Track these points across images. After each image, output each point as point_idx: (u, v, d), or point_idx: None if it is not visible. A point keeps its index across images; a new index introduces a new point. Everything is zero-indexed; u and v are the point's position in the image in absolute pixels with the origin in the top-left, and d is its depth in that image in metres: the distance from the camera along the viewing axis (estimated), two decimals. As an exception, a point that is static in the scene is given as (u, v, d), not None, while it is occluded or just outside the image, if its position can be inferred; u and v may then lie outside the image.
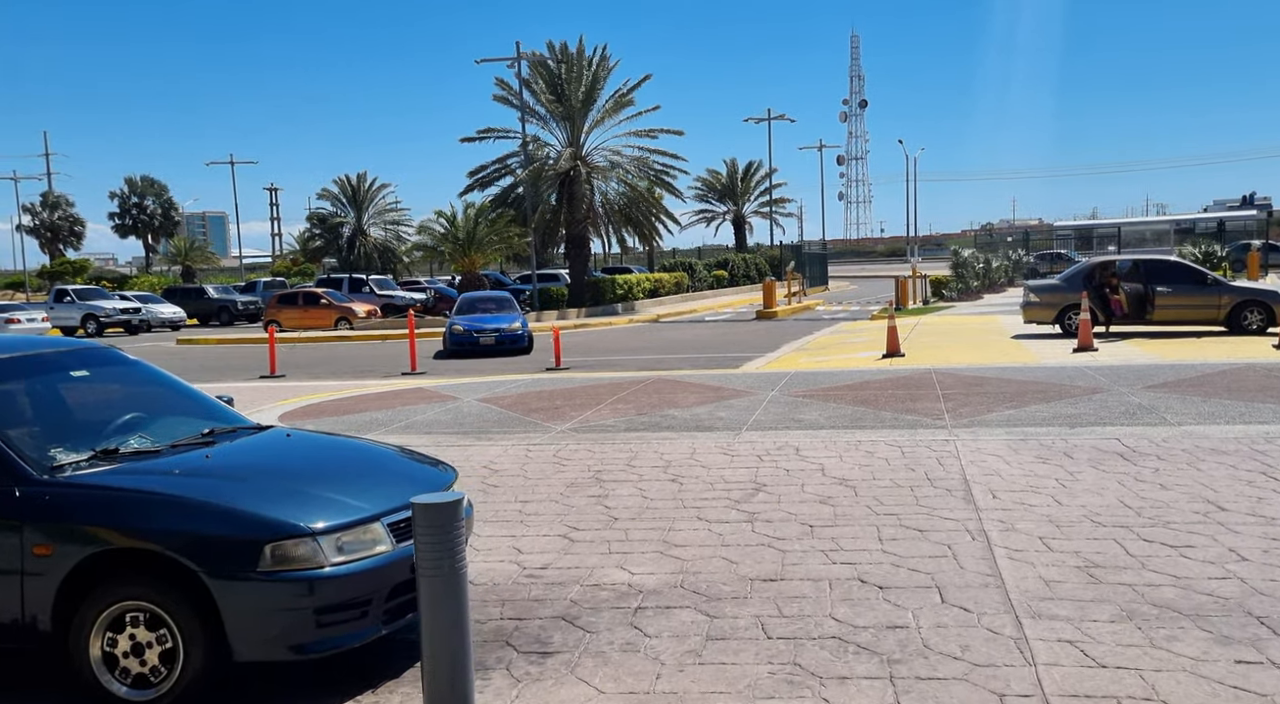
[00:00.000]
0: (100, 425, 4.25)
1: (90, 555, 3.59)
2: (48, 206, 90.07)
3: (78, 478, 3.78)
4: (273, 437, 4.59)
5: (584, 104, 36.47)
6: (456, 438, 9.85)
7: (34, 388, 4.25)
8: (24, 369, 4.26)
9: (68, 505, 3.66)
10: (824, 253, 58.90)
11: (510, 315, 22.56)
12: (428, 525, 2.98)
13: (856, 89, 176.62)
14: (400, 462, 4.57)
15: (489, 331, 21.18)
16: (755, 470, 7.87)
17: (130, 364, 4.83)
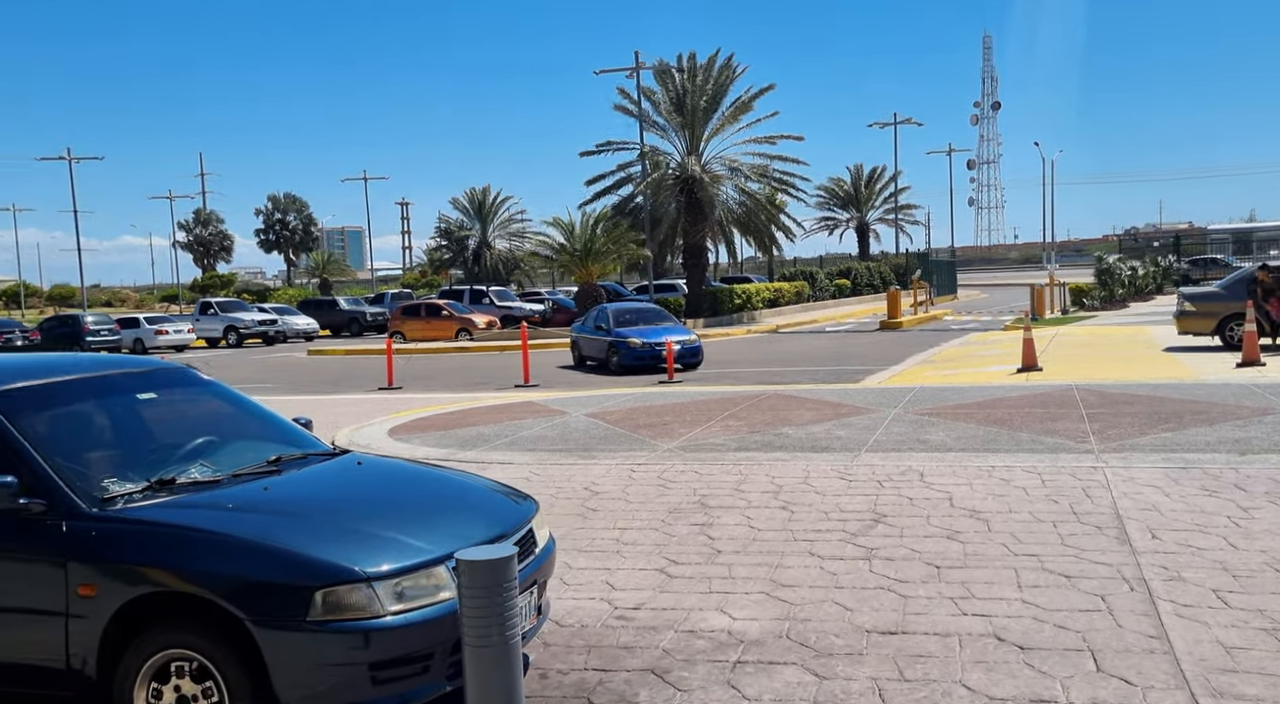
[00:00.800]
0: (162, 452, 4.03)
1: (135, 597, 3.33)
2: (200, 223, 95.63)
3: (128, 512, 3.53)
4: (340, 465, 4.28)
5: (705, 112, 36.07)
6: (560, 455, 9.51)
7: (95, 411, 4.07)
8: (85, 391, 4.08)
9: (115, 541, 3.41)
10: (953, 260, 56.74)
11: (678, 327, 21.07)
12: (474, 586, 2.57)
13: (989, 91, 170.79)
14: (476, 493, 4.19)
15: (670, 345, 18.59)
16: (874, 498, 7.22)
17: (203, 385, 4.62)
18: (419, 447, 10.33)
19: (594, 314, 21.51)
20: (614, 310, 21.14)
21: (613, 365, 19.37)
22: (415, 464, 4.65)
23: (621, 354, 19.26)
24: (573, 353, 21.83)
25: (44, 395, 3.88)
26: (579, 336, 21.58)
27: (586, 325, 21.43)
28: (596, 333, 20.49)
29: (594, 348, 20.52)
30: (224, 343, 37.31)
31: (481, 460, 9.38)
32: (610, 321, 20.28)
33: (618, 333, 19.76)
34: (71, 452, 3.74)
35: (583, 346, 21.22)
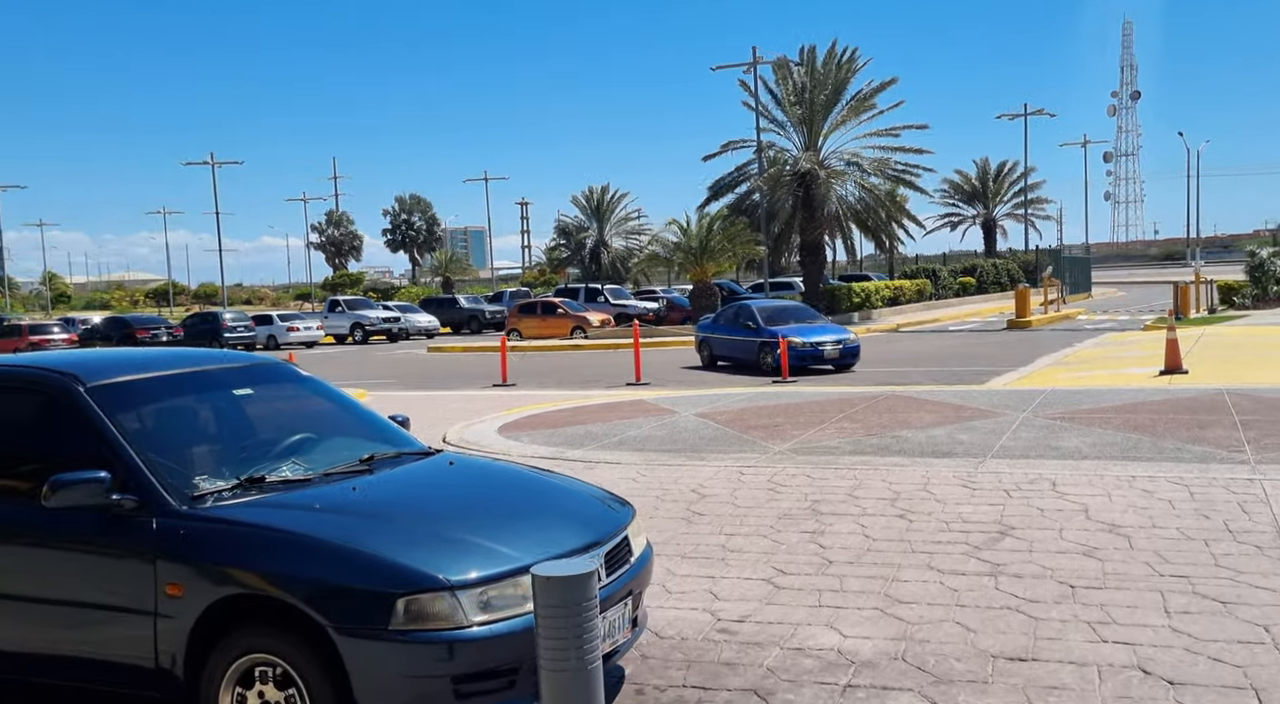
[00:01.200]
0: (255, 449, 3.99)
1: (221, 599, 3.27)
2: (332, 224, 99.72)
3: (216, 510, 3.48)
4: (432, 465, 4.16)
5: (825, 106, 35.30)
6: (668, 456, 9.30)
7: (190, 407, 4.06)
8: (183, 386, 4.07)
9: (202, 541, 3.36)
10: (1087, 257, 54.05)
11: (829, 324, 20.04)
12: (551, 604, 2.37)
13: (1128, 80, 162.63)
14: (569, 498, 4.01)
15: (831, 344, 18.04)
16: (1001, 509, 6.73)
17: (301, 381, 4.58)
18: (527, 445, 10.29)
19: (731, 312, 20.20)
20: (759, 307, 19.69)
21: (766, 366, 18.00)
22: (509, 465, 4.51)
23: (778, 354, 17.67)
24: (700, 353, 20.72)
25: (141, 390, 3.89)
26: (710, 336, 20.30)
27: (721, 324, 20.08)
28: (739, 332, 19.07)
29: (736, 348, 19.24)
30: (350, 339, 38.63)
31: (589, 460, 9.26)
32: (759, 320, 18.81)
33: (771, 332, 18.30)
34: (165, 447, 3.73)
35: (716, 346, 20.01)
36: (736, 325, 19.39)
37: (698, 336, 20.96)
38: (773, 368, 17.68)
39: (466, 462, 4.35)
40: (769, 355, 18.02)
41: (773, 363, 17.72)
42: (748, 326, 19.00)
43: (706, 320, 21.70)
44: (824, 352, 17.91)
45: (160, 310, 79.36)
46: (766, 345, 18.24)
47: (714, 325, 20.57)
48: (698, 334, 21.03)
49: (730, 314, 20.13)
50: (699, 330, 21.20)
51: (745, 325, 19.07)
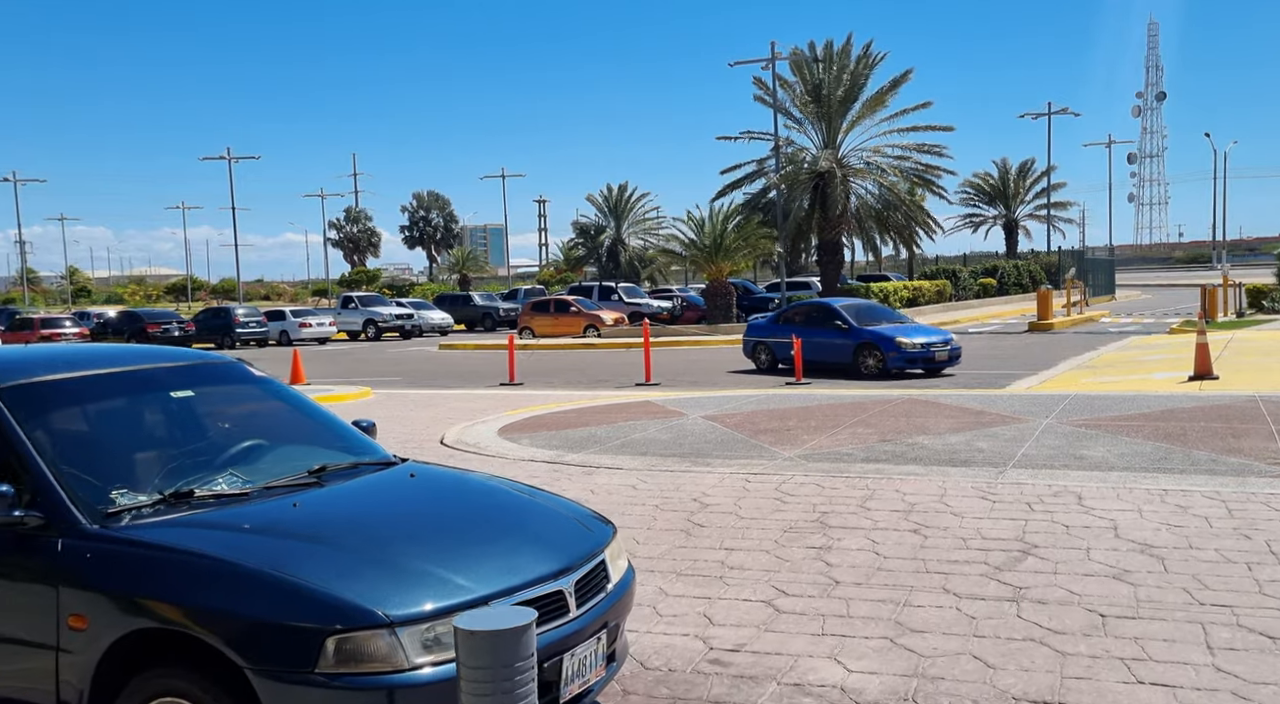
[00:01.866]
0: (190, 459, 3.58)
1: (130, 634, 2.86)
2: (350, 220, 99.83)
3: (131, 530, 3.07)
4: (390, 478, 3.75)
5: (843, 103, 34.75)
6: (673, 461, 8.87)
7: (120, 411, 3.66)
8: (109, 388, 3.66)
9: (110, 565, 2.96)
10: (1110, 259, 53.14)
11: (917, 324, 18.91)
12: (475, 665, 1.95)
13: (1153, 80, 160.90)
14: (540, 516, 3.59)
15: (939, 345, 16.81)
16: (1023, 524, 6.27)
17: (253, 382, 4.16)
18: (526, 447, 9.89)
19: (806, 311, 18.56)
20: (844, 306, 18.25)
21: (866, 368, 16.79)
22: (478, 477, 4.07)
23: (890, 356, 16.55)
24: (753, 356, 18.89)
25: (60, 391, 3.50)
26: (771, 339, 18.47)
27: (792, 324, 18.16)
28: (826, 333, 17.51)
29: (821, 350, 17.46)
30: (364, 336, 38.38)
31: (588, 464, 8.85)
32: (851, 319, 17.50)
33: (873, 332, 17.08)
34: (82, 457, 3.33)
35: (777, 349, 18.22)
36: (820, 325, 17.82)
37: (748, 339, 19.19)
38: (875, 371, 16.63)
39: (430, 474, 3.93)
40: (873, 356, 16.79)
41: (875, 365, 16.67)
42: (838, 327, 17.50)
43: (759, 320, 20.09)
44: (935, 353, 16.64)
45: (179, 305, 79.55)
46: (866, 347, 16.92)
47: (778, 326, 18.74)
48: (748, 337, 19.24)
49: (806, 313, 18.59)
50: (751, 332, 19.37)
51: (835, 326, 17.54)
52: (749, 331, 19.47)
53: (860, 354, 17.10)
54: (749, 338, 19.21)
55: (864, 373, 16.81)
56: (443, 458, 9.49)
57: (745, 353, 19.23)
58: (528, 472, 8.65)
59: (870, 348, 16.94)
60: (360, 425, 4.32)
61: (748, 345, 19.23)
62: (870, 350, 16.94)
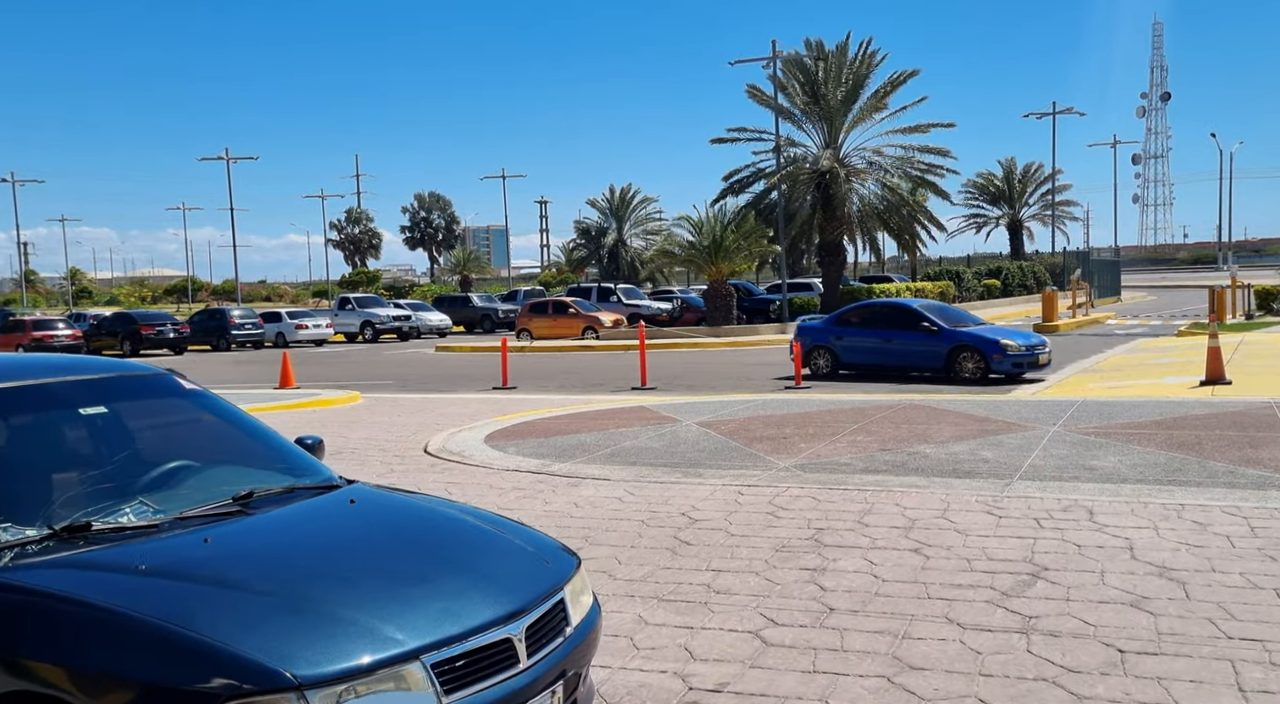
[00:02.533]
0: (95, 486, 3.17)
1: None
2: (351, 222, 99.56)
3: (9, 572, 2.65)
4: (327, 505, 3.34)
5: (844, 102, 34.34)
6: (663, 472, 8.47)
7: (15, 431, 3.25)
8: (6, 404, 3.26)
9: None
10: (1116, 260, 52.64)
11: (995, 325, 18.03)
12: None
13: (1158, 81, 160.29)
14: (493, 549, 3.18)
15: (1040, 348, 15.85)
16: (1031, 543, 5.86)
17: (183, 396, 3.76)
18: (512, 456, 9.50)
19: (883, 311, 17.30)
20: (924, 306, 17.15)
21: (966, 373, 15.64)
22: (428, 503, 3.65)
23: (994, 360, 15.48)
24: (810, 359, 17.36)
25: None
26: (838, 342, 17.17)
27: (866, 327, 17.00)
28: (909, 336, 16.36)
29: (905, 355, 16.45)
30: (361, 338, 38.02)
31: (575, 475, 8.46)
32: (939, 320, 16.37)
33: (971, 335, 16.01)
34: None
35: (850, 353, 17.05)
36: (897, 327, 16.62)
37: (806, 342, 17.44)
38: (975, 375, 15.56)
39: (374, 500, 3.51)
40: (969, 361, 15.67)
41: (975, 370, 15.60)
42: (926, 329, 16.27)
43: (812, 322, 18.51)
44: (1039, 355, 15.64)
45: (179, 306, 79.29)
46: (964, 350, 15.78)
47: (840, 327, 17.40)
48: (805, 340, 17.50)
49: (877, 314, 17.29)
50: (804, 335, 17.71)
51: (922, 327, 16.31)
52: (800, 334, 17.85)
53: (956, 358, 15.84)
54: (802, 341, 17.56)
55: (963, 378, 15.62)
56: (424, 468, 9.11)
57: (801, 357, 17.36)
58: (511, 482, 8.27)
59: (968, 351, 15.78)
60: (304, 442, 3.92)
61: (805, 347, 17.53)
62: (969, 353, 15.76)
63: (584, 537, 6.39)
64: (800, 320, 18.55)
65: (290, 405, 14.36)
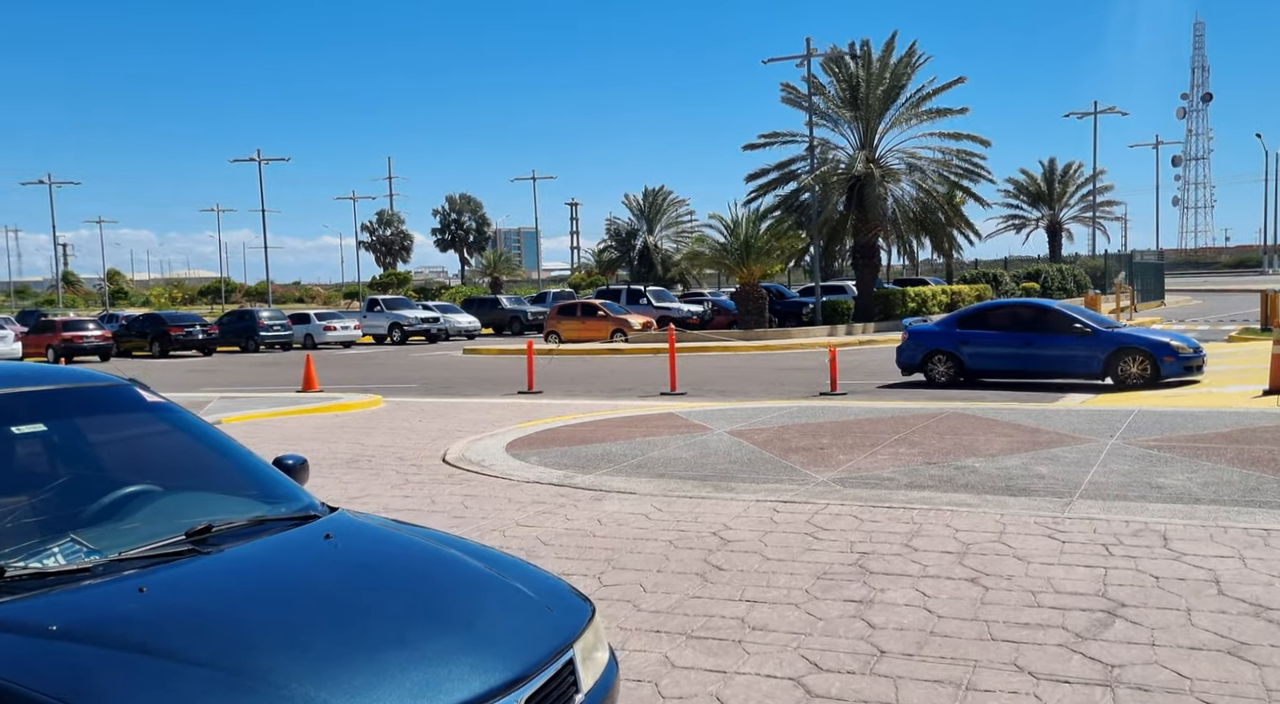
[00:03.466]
0: (20, 519, 2.70)
1: None
2: (383, 224, 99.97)
3: None
4: (297, 542, 2.84)
5: (881, 103, 33.62)
6: (692, 485, 7.95)
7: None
8: None
9: None
10: (1160, 262, 51.40)
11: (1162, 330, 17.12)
12: None
13: (1199, 82, 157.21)
14: (493, 595, 2.67)
15: (1199, 350, 15.00)
16: (1102, 574, 5.27)
17: (146, 410, 3.28)
18: (534, 466, 9.02)
19: (1018, 312, 16.06)
20: (1066, 307, 16.15)
21: (1129, 379, 14.55)
22: (419, 539, 3.10)
23: (1166, 363, 14.50)
24: (928, 366, 16.15)
25: None
26: (957, 347, 15.88)
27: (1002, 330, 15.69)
28: (1057, 339, 15.16)
29: (1050, 361, 15.28)
30: (389, 340, 37.81)
31: (599, 488, 7.95)
32: (1091, 321, 15.32)
33: (1136, 337, 15.07)
34: None
35: (979, 359, 15.79)
36: (1037, 329, 15.40)
37: (918, 346, 16.31)
38: (1140, 380, 14.47)
39: (355, 534, 2.99)
40: (1134, 365, 14.58)
41: (1140, 374, 14.51)
42: (1077, 331, 15.06)
43: (926, 325, 17.19)
44: (1202, 357, 14.84)
45: (212, 308, 79.81)
46: (1127, 353, 14.66)
47: (963, 330, 16.03)
48: (914, 344, 16.39)
49: (1010, 315, 16.01)
50: (918, 338, 16.47)
51: (1072, 329, 15.10)
52: (914, 337, 16.57)
53: (1118, 362, 14.69)
54: (915, 345, 16.39)
55: (1126, 384, 14.50)
56: (441, 478, 8.64)
57: (905, 362, 16.54)
58: (531, 495, 7.78)
59: (1134, 354, 14.66)
60: (284, 463, 3.43)
61: (911, 353, 16.42)
62: (1135, 357, 14.63)
63: (607, 559, 5.88)
64: (907, 322, 17.27)
65: (310, 409, 13.98)
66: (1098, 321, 15.59)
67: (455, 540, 3.14)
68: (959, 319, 16.47)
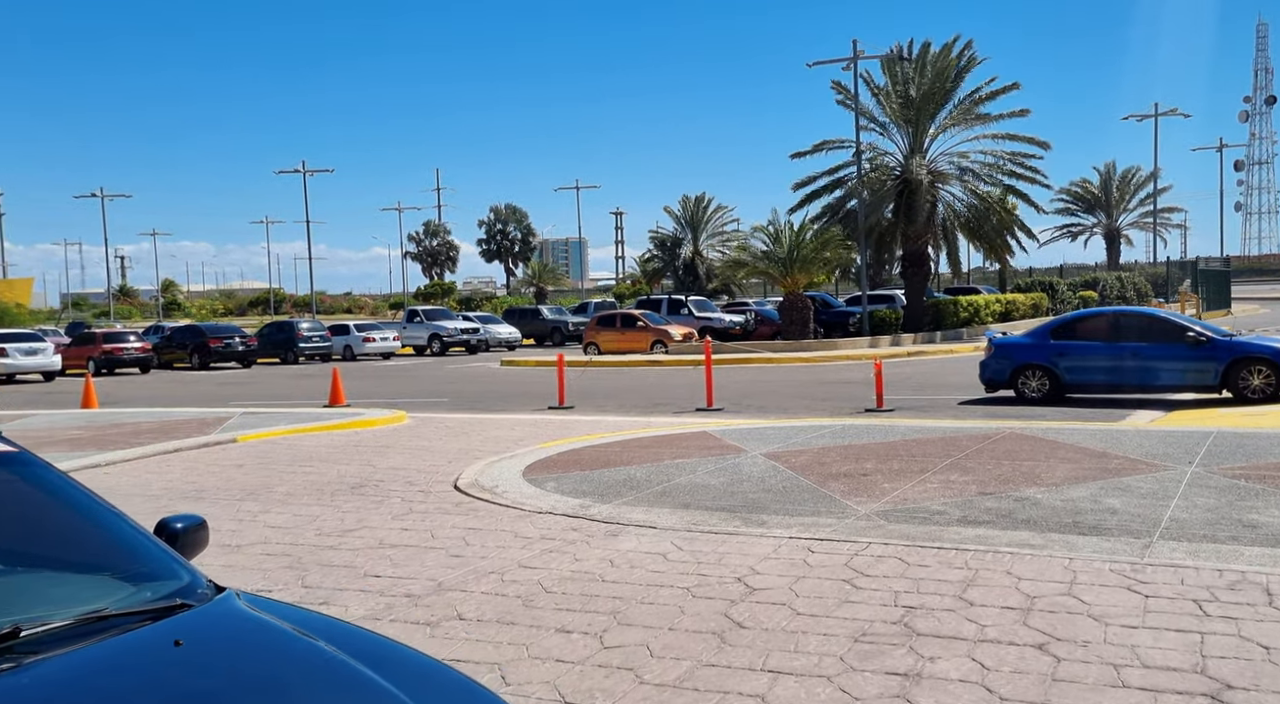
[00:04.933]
0: None
1: None
2: (429, 234, 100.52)
3: None
4: (130, 652, 2.11)
5: (933, 106, 32.55)
6: (719, 518, 7.18)
7: None
8: None
9: None
10: (1226, 270, 49.38)
11: None
12: None
13: (1262, 84, 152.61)
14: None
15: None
16: (1197, 642, 4.42)
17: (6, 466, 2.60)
18: (550, 493, 8.32)
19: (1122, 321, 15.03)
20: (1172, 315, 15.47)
21: (1250, 392, 13.61)
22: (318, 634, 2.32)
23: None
24: (1018, 381, 14.91)
25: None
26: (1053, 361, 14.71)
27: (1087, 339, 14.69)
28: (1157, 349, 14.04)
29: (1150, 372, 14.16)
30: (429, 351, 37.49)
31: (616, 520, 7.22)
32: (1206, 330, 14.30)
33: (1260, 346, 13.97)
34: None
35: (1078, 372, 14.63)
36: (1145, 338, 14.27)
37: (1007, 360, 15.10)
38: (1264, 393, 13.49)
39: (223, 637, 2.25)
40: (1256, 376, 13.57)
41: (1263, 386, 13.54)
42: (1193, 340, 13.93)
43: (1015, 338, 15.92)
44: None
45: (262, 318, 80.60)
46: (1249, 363, 13.63)
47: (1059, 342, 14.81)
48: (1000, 359, 15.20)
49: (1113, 324, 14.92)
50: (1007, 352, 15.23)
51: (1185, 338, 13.98)
52: (1001, 351, 15.30)
53: (1238, 373, 13.65)
54: (1001, 360, 15.19)
55: (1247, 397, 13.55)
56: (448, 508, 7.97)
57: (990, 377, 15.31)
58: (541, 528, 7.08)
59: (1258, 364, 13.61)
60: (169, 530, 2.74)
61: (998, 368, 15.20)
62: (1258, 367, 13.60)
63: (613, 611, 5.15)
64: (990, 335, 16.08)
65: (328, 426, 13.45)
66: (1213, 330, 14.53)
67: (366, 643, 2.41)
68: (1052, 329, 15.27)
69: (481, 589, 5.59)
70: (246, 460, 10.80)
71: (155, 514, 7.94)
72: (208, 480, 9.56)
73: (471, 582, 5.74)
